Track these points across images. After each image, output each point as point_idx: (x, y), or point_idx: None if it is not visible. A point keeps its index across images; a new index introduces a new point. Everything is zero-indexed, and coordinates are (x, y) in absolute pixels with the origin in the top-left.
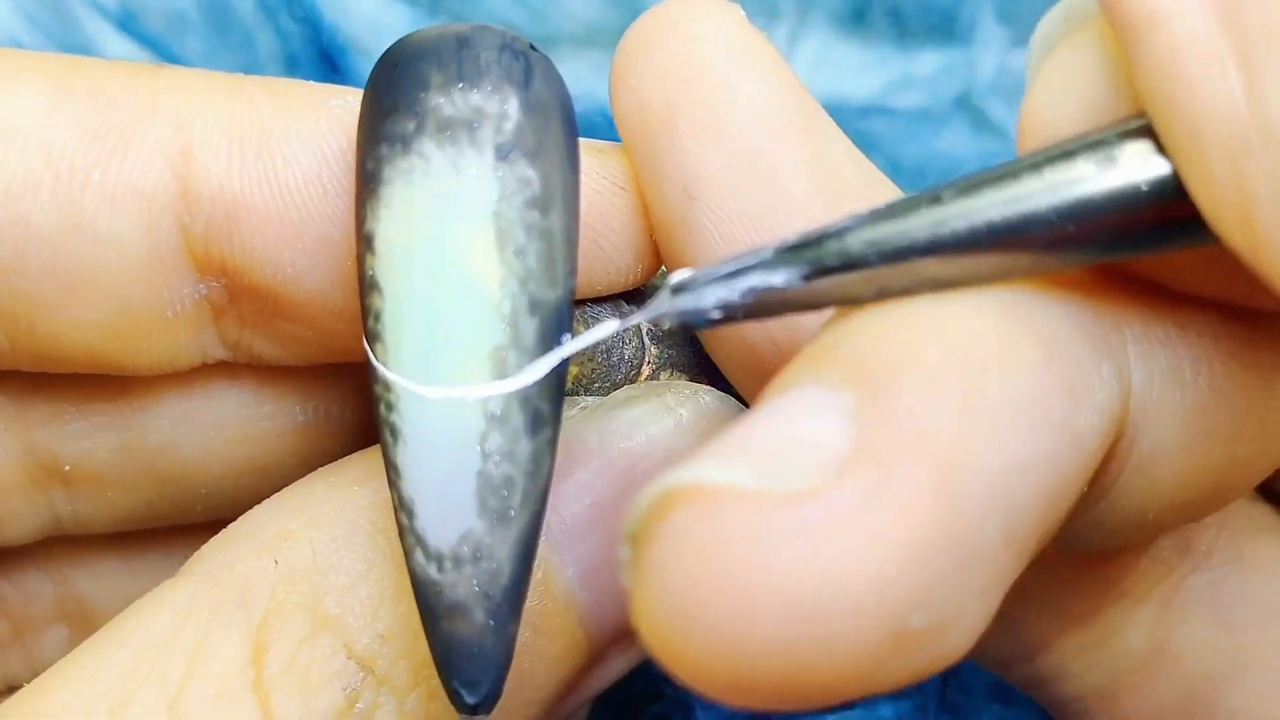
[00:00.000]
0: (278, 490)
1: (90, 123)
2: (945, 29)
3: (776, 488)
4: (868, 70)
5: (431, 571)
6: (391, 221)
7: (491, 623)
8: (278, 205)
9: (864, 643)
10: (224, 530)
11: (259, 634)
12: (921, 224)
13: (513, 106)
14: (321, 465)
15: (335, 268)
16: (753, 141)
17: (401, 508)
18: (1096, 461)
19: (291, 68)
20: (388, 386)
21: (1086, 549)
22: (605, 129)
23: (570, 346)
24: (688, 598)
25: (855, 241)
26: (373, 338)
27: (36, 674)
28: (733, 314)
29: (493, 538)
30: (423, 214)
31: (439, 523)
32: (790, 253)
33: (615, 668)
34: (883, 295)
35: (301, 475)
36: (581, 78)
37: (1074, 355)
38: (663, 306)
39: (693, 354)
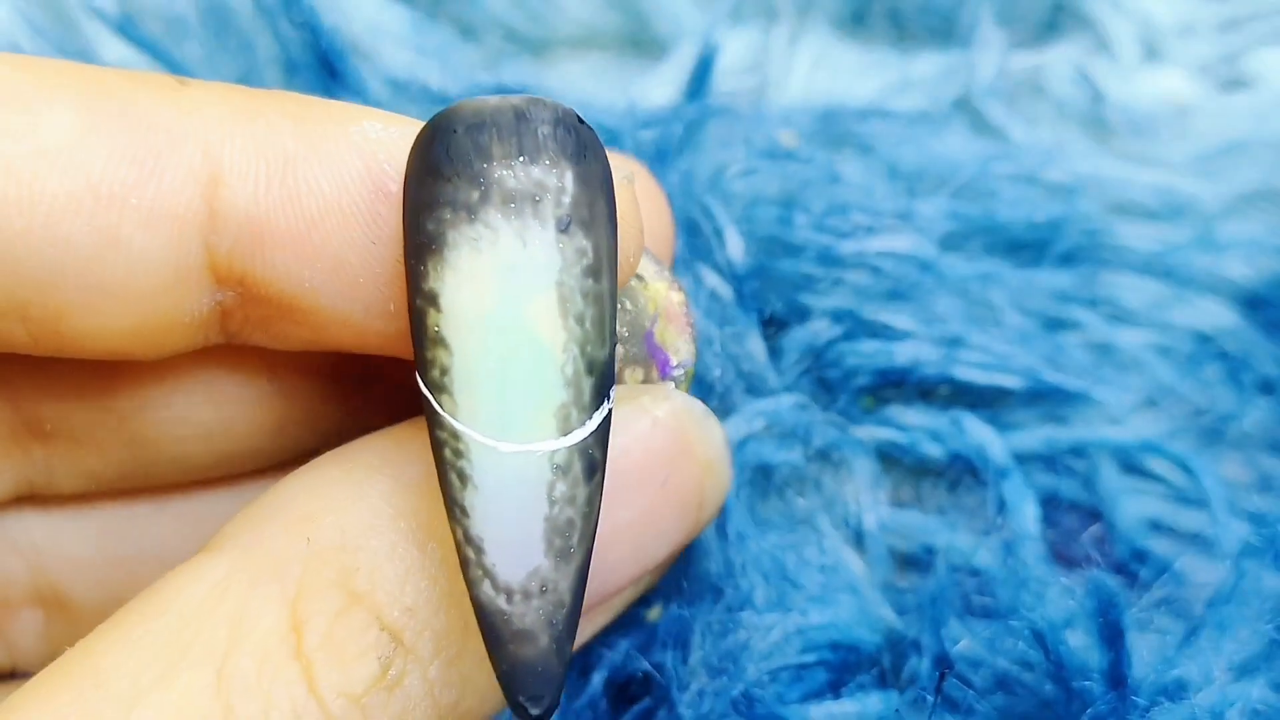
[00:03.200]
0: (243, 455)
1: (125, 145)
2: (944, 31)
3: None
4: (866, 72)
5: (500, 603)
6: (458, 285)
7: (554, 646)
8: (299, 228)
9: None
10: (246, 508)
11: (296, 607)
12: None
13: (569, 180)
14: (285, 432)
15: (348, 285)
16: None
17: (468, 543)
18: None
19: (291, 72)
20: (456, 436)
21: None
22: (599, 133)
23: (614, 397)
24: None
25: None
26: (438, 389)
27: (14, 659)
28: None
29: (557, 573)
30: (491, 282)
31: (509, 560)
32: None
33: (593, 626)
34: None
35: (267, 441)
36: (578, 81)
37: None
38: None
39: (648, 349)
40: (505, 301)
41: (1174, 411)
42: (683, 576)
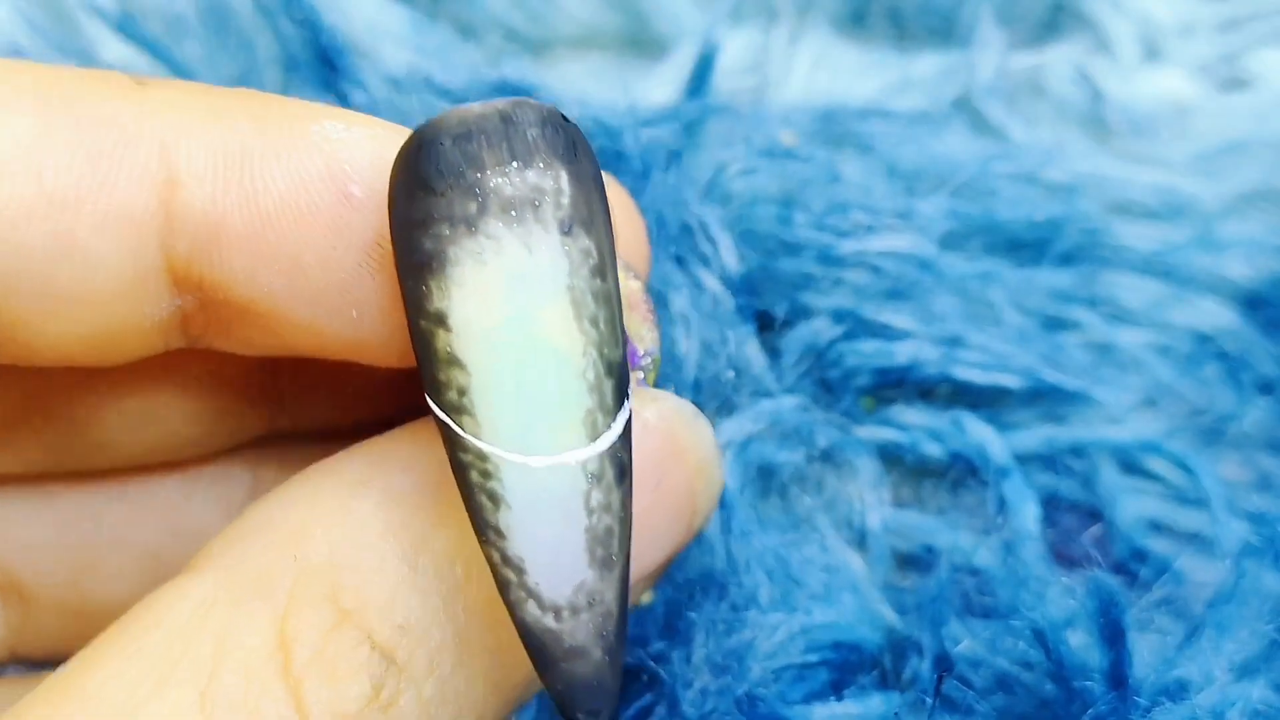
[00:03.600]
0: (186, 443)
1: (80, 148)
2: (944, 31)
3: None
4: (866, 72)
5: (549, 622)
6: (466, 301)
7: (608, 659)
8: (255, 228)
9: None
10: (232, 524)
11: (284, 624)
12: None
13: (564, 181)
14: (229, 418)
15: (305, 287)
16: None
17: (507, 565)
18: None
19: (291, 70)
20: (483, 457)
21: None
22: (599, 133)
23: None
24: None
25: None
26: (457, 410)
27: None
28: None
29: (602, 584)
30: (501, 293)
31: (553, 577)
32: None
33: None
34: None
35: (209, 429)
36: (578, 81)
37: None
38: None
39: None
40: (518, 312)
41: (1173, 411)
42: (687, 573)
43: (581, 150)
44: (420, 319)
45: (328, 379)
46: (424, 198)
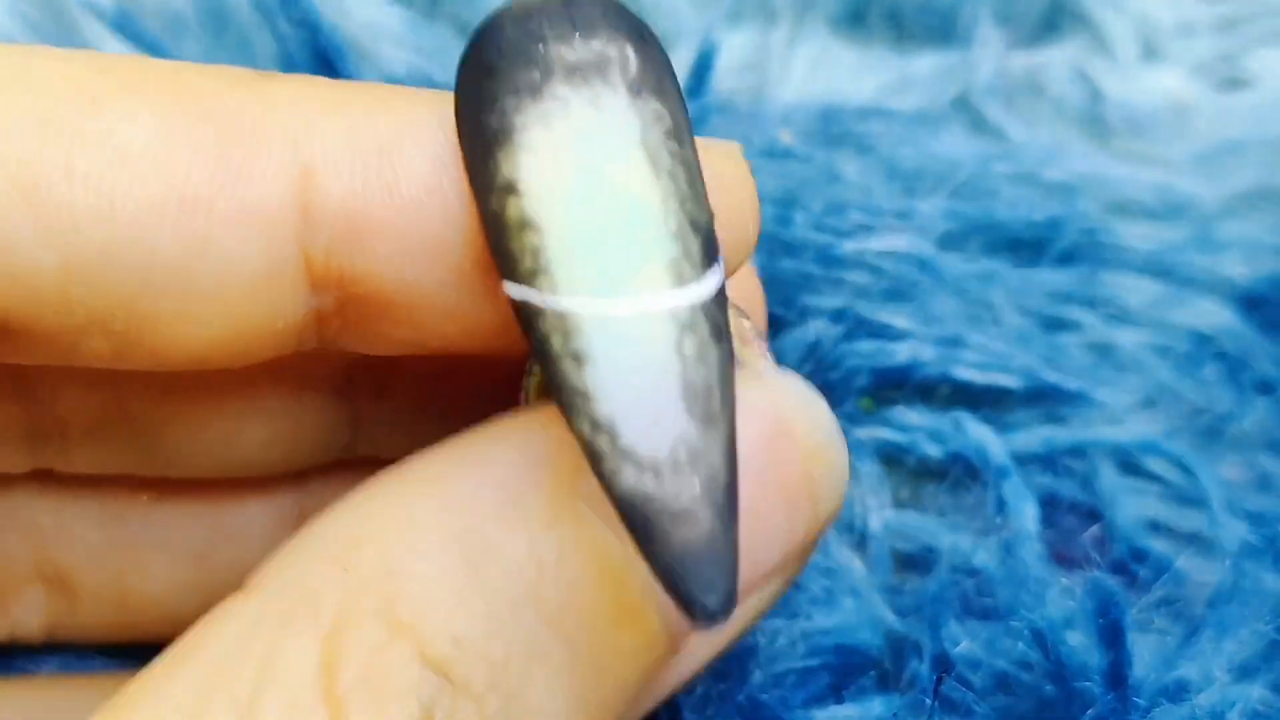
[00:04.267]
0: (257, 464)
1: (208, 144)
2: (943, 31)
3: None
4: (865, 72)
5: (649, 484)
6: (537, 163)
7: (719, 523)
8: (398, 217)
9: None
10: (288, 542)
11: (329, 643)
12: None
13: (630, 51)
14: (289, 445)
15: (451, 272)
16: None
17: (599, 431)
18: None
19: (289, 70)
20: (563, 316)
21: None
22: None
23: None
24: None
25: None
26: (532, 276)
27: (15, 635)
28: None
29: (705, 440)
30: (571, 151)
31: (649, 432)
32: None
33: (695, 660)
34: None
35: (283, 452)
36: None
37: None
38: None
39: None
40: (590, 166)
41: (1173, 411)
42: None
43: (649, 35)
44: (490, 200)
45: (407, 407)
46: (488, 81)
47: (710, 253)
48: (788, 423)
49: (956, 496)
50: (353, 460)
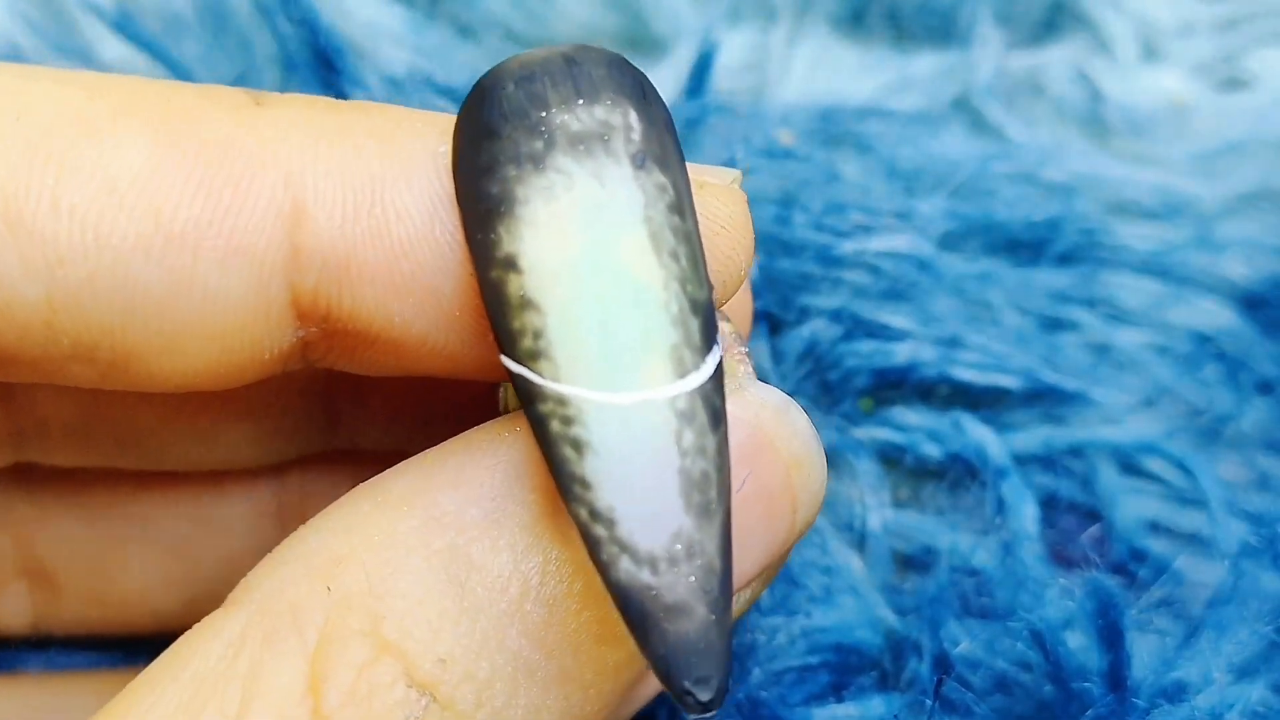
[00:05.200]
0: (240, 457)
1: (200, 179)
2: (943, 31)
3: None
4: (865, 72)
5: (645, 576)
6: (538, 240)
7: (713, 617)
8: (388, 259)
9: None
10: (269, 556)
11: (315, 662)
12: None
13: (634, 118)
14: (271, 438)
15: (440, 314)
16: None
17: (596, 520)
18: None
19: (289, 70)
20: (564, 401)
21: None
22: None
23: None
24: None
25: None
26: (533, 357)
27: (0, 631)
28: None
29: (701, 533)
30: (574, 228)
31: (648, 525)
32: None
33: None
34: None
35: (264, 445)
36: None
37: None
38: None
39: None
40: (593, 245)
41: (1172, 411)
42: None
43: (651, 94)
44: (490, 270)
45: (386, 403)
46: (488, 143)
47: (710, 334)
48: (770, 434)
49: (956, 496)
50: (332, 453)
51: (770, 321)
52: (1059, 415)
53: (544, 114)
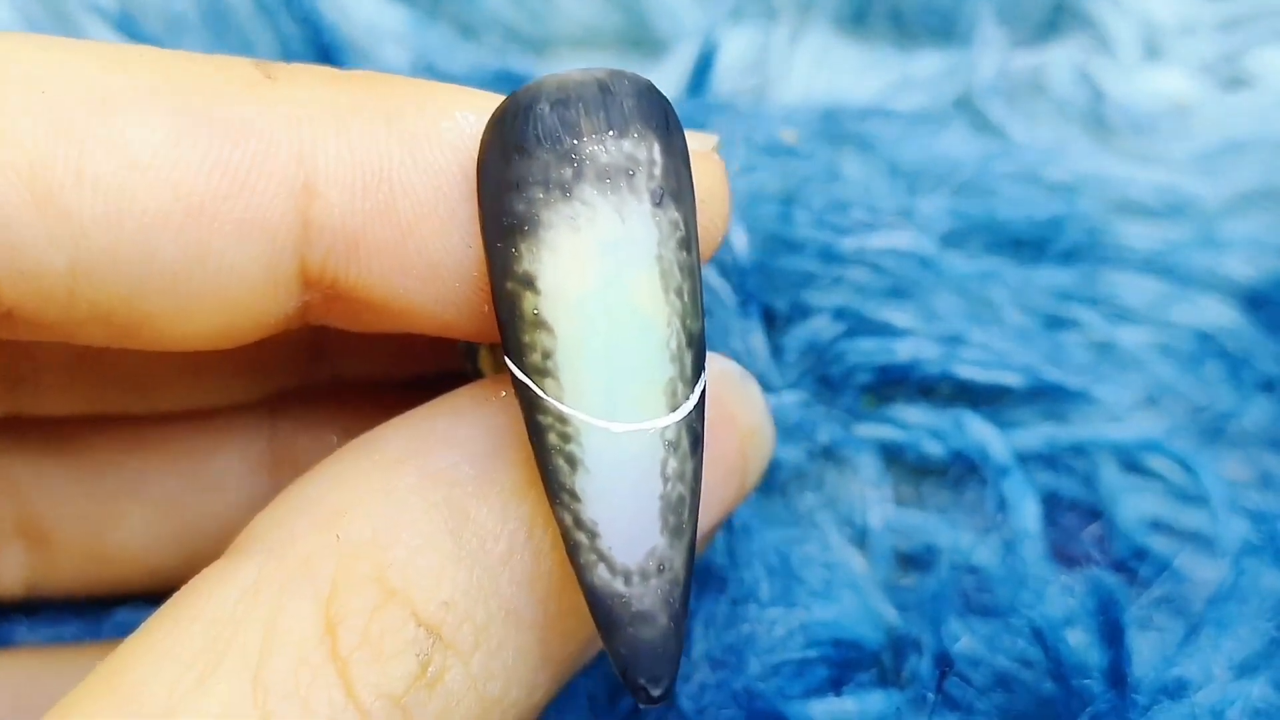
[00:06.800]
0: (223, 391)
1: (215, 153)
2: (945, 30)
3: None
4: (867, 71)
5: (618, 586)
6: (558, 266)
7: (672, 625)
8: (395, 236)
9: None
10: (271, 505)
11: (329, 606)
12: None
13: (657, 152)
14: (257, 370)
15: (443, 289)
16: None
17: (579, 528)
18: None
19: None
20: (564, 420)
21: None
22: None
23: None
24: None
25: None
26: (540, 373)
27: None
28: None
29: (672, 551)
30: (592, 260)
31: (626, 542)
32: None
33: None
34: None
35: (239, 380)
36: None
37: None
38: None
39: None
40: (607, 279)
41: (1174, 409)
42: None
43: (673, 122)
44: (507, 280)
45: (371, 338)
46: (519, 161)
47: (700, 364)
48: (729, 408)
49: (957, 494)
50: (318, 399)
51: (773, 319)
52: (1061, 413)
53: (576, 142)
